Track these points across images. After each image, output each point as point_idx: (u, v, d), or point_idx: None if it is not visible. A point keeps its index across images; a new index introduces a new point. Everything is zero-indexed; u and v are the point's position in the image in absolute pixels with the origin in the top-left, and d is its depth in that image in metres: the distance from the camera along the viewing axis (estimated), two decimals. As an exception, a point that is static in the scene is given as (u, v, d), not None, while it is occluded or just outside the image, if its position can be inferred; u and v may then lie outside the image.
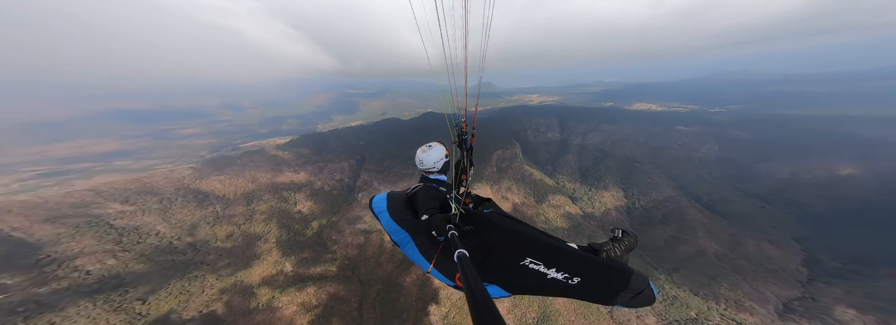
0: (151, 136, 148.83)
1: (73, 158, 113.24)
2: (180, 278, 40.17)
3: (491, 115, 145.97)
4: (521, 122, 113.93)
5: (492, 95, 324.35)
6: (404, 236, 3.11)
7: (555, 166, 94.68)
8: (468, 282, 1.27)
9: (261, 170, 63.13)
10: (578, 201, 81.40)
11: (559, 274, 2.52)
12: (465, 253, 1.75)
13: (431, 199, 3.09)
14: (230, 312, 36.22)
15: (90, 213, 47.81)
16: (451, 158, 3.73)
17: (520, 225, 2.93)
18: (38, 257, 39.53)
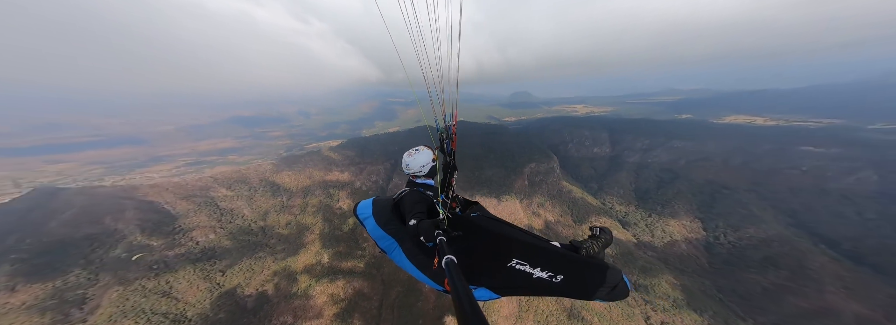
0: (252, 137, 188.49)
1: (207, 152, 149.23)
2: (249, 256, 47.30)
3: (526, 125, 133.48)
4: (562, 134, 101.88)
5: (528, 104, 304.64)
6: (391, 243, 3.03)
7: (601, 185, 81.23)
8: (456, 289, 1.27)
9: (316, 168, 71.19)
10: (632, 227, 68.92)
11: (544, 273, 2.55)
12: (453, 260, 1.73)
13: (418, 203, 2.97)
14: (277, 294, 40.56)
15: (208, 195, 63.25)
16: (438, 164, 3.61)
17: (506, 227, 2.90)
18: (173, 226, 54.50)
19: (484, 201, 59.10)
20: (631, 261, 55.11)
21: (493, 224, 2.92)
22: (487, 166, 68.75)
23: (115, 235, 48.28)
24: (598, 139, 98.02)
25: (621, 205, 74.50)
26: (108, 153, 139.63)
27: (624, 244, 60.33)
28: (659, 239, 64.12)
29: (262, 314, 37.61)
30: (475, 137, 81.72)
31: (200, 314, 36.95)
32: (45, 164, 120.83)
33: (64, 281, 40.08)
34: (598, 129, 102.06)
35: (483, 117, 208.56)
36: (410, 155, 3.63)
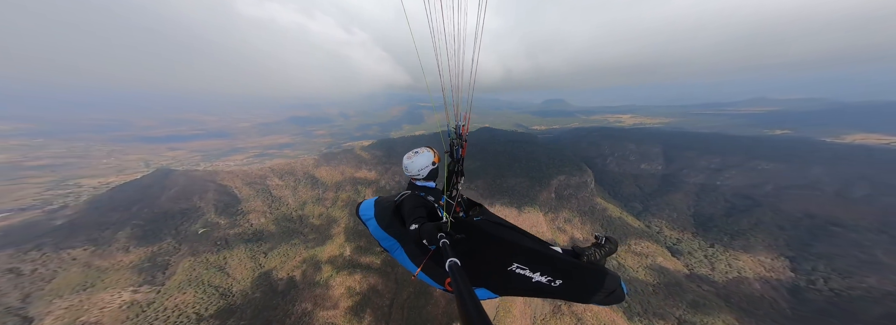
0: (303, 134, 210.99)
1: (270, 146, 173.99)
2: (287, 242, 52.61)
3: (558, 135, 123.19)
4: (600, 146, 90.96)
5: (563, 113, 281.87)
6: (393, 243, 3.09)
7: (647, 206, 70.56)
8: (460, 291, 1.27)
9: (348, 165, 76.66)
10: (685, 257, 57.86)
11: (543, 278, 2.58)
12: (456, 262, 1.73)
13: (417, 208, 2.96)
14: (303, 280, 44.03)
15: (264, 183, 73.36)
16: (443, 166, 3.57)
17: (508, 232, 2.90)
18: (237, 208, 64.42)
19: (503, 211, 56.05)
20: (677, 293, 46.41)
21: (496, 228, 2.91)
22: (510, 174, 65.20)
23: (198, 212, 58.95)
24: (647, 154, 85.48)
25: (672, 230, 63.25)
26: (205, 144, 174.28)
27: (670, 274, 51.14)
28: (721, 274, 52.83)
29: (288, 297, 41.61)
30: (499, 144, 78.55)
31: (242, 290, 42.62)
32: (167, 150, 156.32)
33: (159, 247, 50.34)
34: (648, 142, 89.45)
35: (510, 125, 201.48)
36: (409, 157, 3.55)
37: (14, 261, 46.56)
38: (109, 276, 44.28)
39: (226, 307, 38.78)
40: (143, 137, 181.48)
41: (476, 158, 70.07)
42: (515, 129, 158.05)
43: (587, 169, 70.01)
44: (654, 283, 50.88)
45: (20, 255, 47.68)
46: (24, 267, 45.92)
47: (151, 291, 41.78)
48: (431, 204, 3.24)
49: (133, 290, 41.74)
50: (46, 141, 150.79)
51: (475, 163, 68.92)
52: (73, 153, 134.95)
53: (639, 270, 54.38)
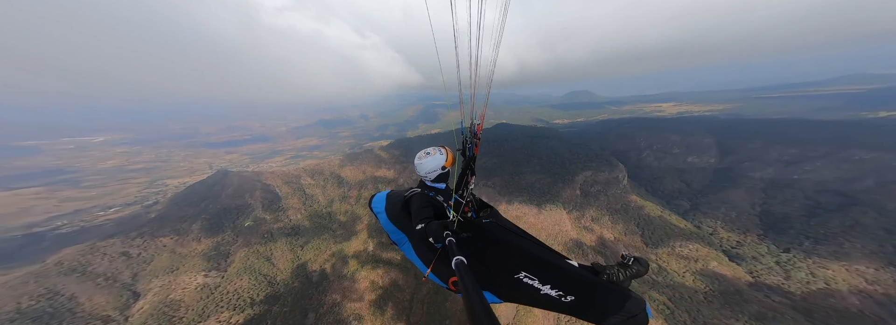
0: (329, 136, 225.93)
1: (303, 148, 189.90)
2: (318, 237, 57.35)
3: (583, 128, 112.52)
4: (634, 139, 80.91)
5: (588, 105, 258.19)
6: (401, 237, 3.12)
7: (696, 203, 61.17)
8: (467, 289, 1.25)
9: (369, 165, 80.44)
10: (749, 262, 49.34)
11: (553, 291, 2.44)
12: (462, 260, 1.69)
13: (424, 208, 2.91)
14: (333, 273, 47.49)
15: (299, 182, 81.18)
16: (455, 168, 3.51)
17: (518, 238, 2.78)
18: (279, 205, 72.49)
19: (521, 209, 53.38)
20: (736, 303, 40.43)
21: (504, 233, 2.79)
22: (529, 171, 61.27)
23: (249, 208, 67.57)
24: (695, 146, 73.73)
25: (730, 232, 54.17)
26: (253, 147, 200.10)
27: (727, 281, 44.58)
28: (800, 284, 44.51)
29: (321, 288, 46.00)
30: (516, 140, 73.96)
31: (284, 280, 48.39)
32: (225, 153, 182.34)
33: (221, 238, 59.31)
34: (696, 132, 77.28)
35: (528, 120, 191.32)
36: (420, 158, 3.48)
37: (125, 246, 59.09)
38: (188, 261, 53.85)
39: (272, 293, 44.62)
40: (207, 142, 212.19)
41: (492, 155, 67.18)
42: (534, 124, 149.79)
43: (618, 164, 62.57)
44: (705, 290, 44.84)
45: (129, 241, 60.22)
46: (132, 251, 58.11)
47: (217, 276, 49.88)
48: (440, 204, 3.18)
49: (204, 274, 50.30)
50: (141, 148, 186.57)
51: (491, 160, 66.18)
52: (160, 158, 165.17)
53: (685, 275, 48.25)
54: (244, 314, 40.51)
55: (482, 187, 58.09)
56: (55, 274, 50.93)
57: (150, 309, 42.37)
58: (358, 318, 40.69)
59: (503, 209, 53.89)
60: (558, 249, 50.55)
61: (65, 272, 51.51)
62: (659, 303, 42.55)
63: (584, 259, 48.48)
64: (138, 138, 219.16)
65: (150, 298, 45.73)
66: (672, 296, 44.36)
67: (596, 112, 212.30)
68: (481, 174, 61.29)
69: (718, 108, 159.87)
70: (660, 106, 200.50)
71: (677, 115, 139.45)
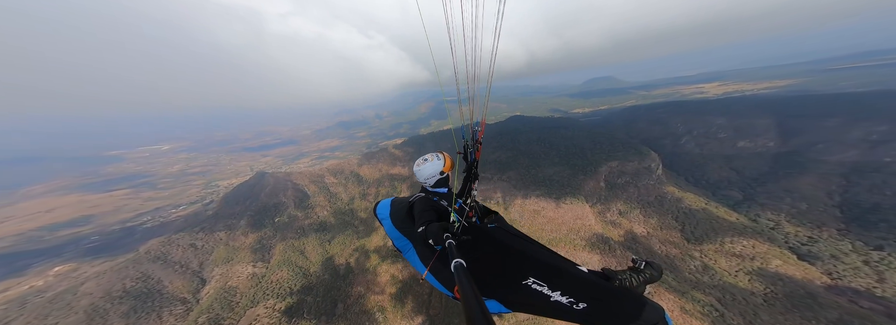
0: (348, 137, 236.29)
1: (326, 149, 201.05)
2: (342, 233, 61.86)
3: (606, 116, 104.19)
4: (668, 124, 72.13)
5: (612, 91, 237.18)
6: (406, 243, 3.11)
7: (752, 194, 53.37)
8: (465, 292, 1.25)
9: (385, 163, 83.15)
10: (826, 262, 42.30)
11: (563, 298, 2.37)
12: (462, 263, 1.69)
13: (427, 211, 2.95)
14: (356, 266, 51.16)
15: (323, 181, 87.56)
16: (455, 172, 3.57)
17: (524, 243, 2.73)
18: (308, 202, 79.54)
19: (539, 203, 51.18)
20: (808, 307, 35.81)
21: (509, 238, 2.74)
22: (546, 163, 57.71)
23: (284, 205, 75.11)
24: (748, 128, 64.00)
25: (799, 226, 46.45)
26: (283, 150, 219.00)
27: (795, 283, 39.39)
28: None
29: (347, 280, 50.35)
30: (532, 132, 69.57)
31: (315, 272, 53.82)
32: (261, 156, 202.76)
33: (263, 233, 67.37)
34: (748, 113, 67.21)
35: (544, 111, 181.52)
36: (418, 165, 3.53)
37: (192, 239, 70.37)
38: (239, 253, 62.61)
39: (306, 284, 50.20)
40: (246, 147, 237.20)
41: (506, 149, 64.33)
42: (551, 114, 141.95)
43: (650, 152, 55.93)
44: (764, 292, 40.05)
45: (194, 234, 71.51)
46: (197, 243, 69.13)
47: (263, 267, 57.42)
48: (443, 208, 3.17)
49: (253, 265, 58.25)
50: (196, 155, 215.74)
51: (506, 153, 63.52)
52: (211, 162, 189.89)
53: (737, 275, 43.32)
54: (285, 302, 46.45)
55: (496, 181, 56.59)
56: (145, 261, 62.90)
57: (214, 294, 50.70)
58: (381, 309, 44.17)
59: (519, 204, 52.28)
60: (581, 245, 47.70)
61: (152, 260, 63.35)
62: (704, 304, 38.98)
63: (613, 255, 45.69)
64: (193, 146, 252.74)
65: (214, 284, 54.55)
66: (722, 298, 40.24)
67: (621, 99, 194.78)
68: (495, 168, 59.41)
69: (779, 84, 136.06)
70: (701, 87, 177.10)
71: (723, 95, 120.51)
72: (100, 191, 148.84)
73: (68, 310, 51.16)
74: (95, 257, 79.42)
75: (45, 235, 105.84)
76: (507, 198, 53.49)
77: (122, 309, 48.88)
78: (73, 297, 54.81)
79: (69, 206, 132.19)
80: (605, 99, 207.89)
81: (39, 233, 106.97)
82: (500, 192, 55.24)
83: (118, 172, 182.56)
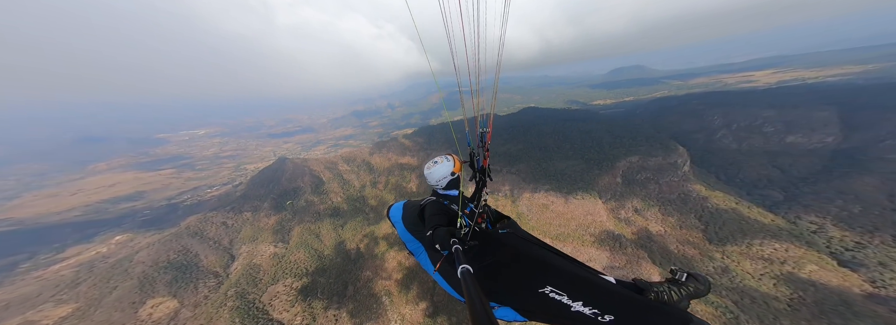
0: (361, 126, 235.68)
1: (340, 137, 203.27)
2: (353, 219, 62.77)
3: (631, 109, 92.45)
4: (703, 117, 62.46)
5: (640, 82, 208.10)
6: (418, 246, 3.06)
7: (795, 194, 46.08)
8: (471, 299, 1.20)
9: (394, 153, 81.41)
10: (872, 269, 36.55)
11: (586, 309, 2.11)
12: (468, 269, 1.60)
13: (437, 215, 2.88)
14: (366, 252, 51.94)
15: (337, 169, 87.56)
16: (462, 175, 3.42)
17: (540, 250, 2.48)
18: (323, 188, 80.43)
19: (548, 197, 47.33)
20: (842, 314, 32.27)
21: (523, 244, 2.51)
22: (559, 157, 52.48)
23: (301, 190, 76.47)
24: (800, 122, 54.30)
25: (846, 230, 40.04)
26: (302, 138, 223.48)
27: (828, 290, 35.18)
28: None
29: (357, 265, 51.29)
30: (546, 123, 63.22)
31: (328, 255, 55.20)
32: (283, 143, 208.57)
33: (283, 215, 69.48)
34: (803, 105, 56.86)
35: (561, 102, 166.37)
36: (429, 168, 3.43)
37: (223, 218, 74.40)
38: (263, 233, 65.50)
39: (320, 266, 51.76)
40: (270, 134, 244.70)
41: (517, 141, 59.07)
42: (568, 106, 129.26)
43: (678, 147, 48.98)
44: (790, 297, 36.00)
45: (225, 213, 75.49)
46: (228, 222, 73.08)
47: (282, 247, 59.84)
48: (454, 212, 3.03)
49: (274, 245, 60.87)
50: (228, 139, 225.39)
51: (516, 146, 58.47)
52: (241, 147, 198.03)
53: (762, 278, 39.01)
54: (301, 281, 48.28)
55: (505, 173, 52.77)
56: (186, 236, 67.66)
57: (242, 270, 53.83)
58: (387, 294, 44.72)
59: (527, 197, 48.76)
60: (589, 241, 44.18)
61: (191, 235, 68.00)
62: (718, 306, 35.69)
63: (623, 253, 42.18)
64: (225, 131, 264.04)
65: (241, 261, 57.85)
66: (739, 301, 36.58)
67: (650, 89, 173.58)
68: (505, 161, 55.13)
69: (853, 70, 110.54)
70: (750, 75, 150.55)
71: (776, 84, 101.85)
72: (150, 170, 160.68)
73: (125, 276, 56.47)
74: (147, 229, 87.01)
75: (109, 207, 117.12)
76: (515, 191, 50.09)
77: (167, 278, 53.13)
78: (130, 264, 60.25)
79: (127, 182, 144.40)
80: (631, 90, 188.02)
81: (104, 205, 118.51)
82: (508, 184, 51.75)
83: (164, 153, 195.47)
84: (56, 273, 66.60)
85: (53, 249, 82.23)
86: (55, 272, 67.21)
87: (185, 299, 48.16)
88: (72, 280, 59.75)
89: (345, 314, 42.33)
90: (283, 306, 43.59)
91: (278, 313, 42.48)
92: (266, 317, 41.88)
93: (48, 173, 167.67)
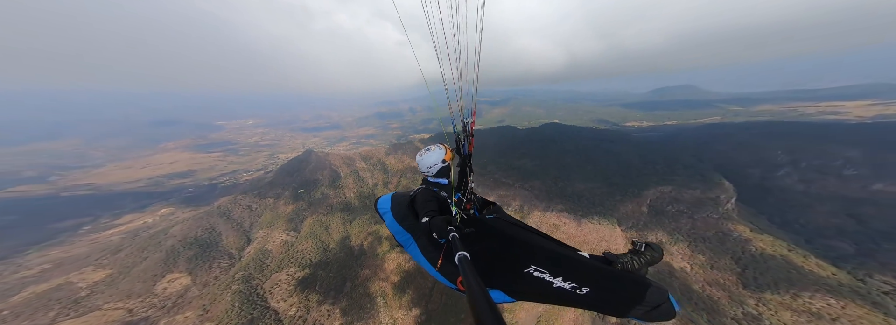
0: (382, 127, 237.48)
1: (362, 136, 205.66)
2: (361, 216, 60.87)
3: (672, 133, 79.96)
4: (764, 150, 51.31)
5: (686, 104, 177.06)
6: (407, 237, 2.87)
7: (870, 250, 36.19)
8: (470, 284, 1.17)
9: (408, 155, 79.68)
10: None
11: (566, 283, 2.20)
12: (466, 255, 1.58)
13: (429, 201, 2.81)
14: (369, 250, 49.48)
15: (354, 165, 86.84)
16: (452, 163, 3.42)
17: (524, 232, 2.55)
18: (339, 183, 79.76)
19: (560, 218, 41.45)
20: None
21: (509, 228, 2.57)
22: (578, 178, 46.33)
23: (320, 182, 76.10)
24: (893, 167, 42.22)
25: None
26: (329, 134, 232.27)
27: None
28: None
29: (358, 262, 48.55)
30: (567, 142, 57.07)
31: (333, 248, 53.13)
32: (312, 137, 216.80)
33: (299, 205, 69.11)
34: None
35: (587, 120, 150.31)
36: (421, 155, 3.49)
37: (250, 201, 75.73)
38: (279, 220, 65.28)
39: (323, 260, 49.66)
40: (303, 127, 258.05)
41: (533, 157, 53.72)
42: (596, 125, 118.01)
43: (723, 182, 41.00)
44: None
45: (252, 197, 76.83)
46: (253, 206, 74.18)
47: (294, 236, 58.83)
48: (444, 199, 3.06)
49: (286, 233, 60.12)
50: (268, 130, 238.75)
51: (532, 162, 53.13)
52: (277, 138, 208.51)
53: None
54: (303, 272, 46.32)
55: (517, 188, 47.83)
56: (216, 215, 69.26)
57: (253, 254, 53.25)
58: (383, 295, 41.25)
59: (537, 216, 43.33)
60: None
61: (220, 215, 69.52)
62: None
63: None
64: (267, 123, 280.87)
65: (255, 245, 57.51)
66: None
67: (699, 113, 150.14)
68: (518, 175, 50.22)
69: None
70: (838, 105, 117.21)
71: (873, 119, 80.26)
72: (204, 152, 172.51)
73: (157, 248, 58.02)
74: (188, 205, 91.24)
75: (165, 181, 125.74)
76: (525, 208, 44.93)
77: (189, 254, 53.66)
78: (164, 237, 62.11)
79: (183, 161, 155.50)
80: (675, 112, 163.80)
81: (162, 179, 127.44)
82: (519, 200, 46.73)
83: (218, 138, 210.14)
84: (107, 238, 70.74)
85: (113, 214, 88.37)
86: (107, 237, 71.43)
87: (198, 277, 47.94)
88: (116, 246, 62.63)
89: (337, 310, 39.42)
90: (282, 295, 41.62)
91: (276, 301, 40.52)
92: (264, 304, 40.06)
93: (129, 147, 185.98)
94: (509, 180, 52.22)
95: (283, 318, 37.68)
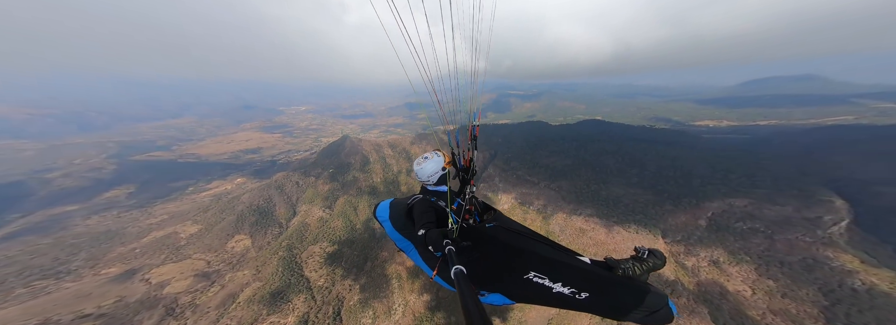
0: (410, 117, 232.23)
1: (392, 124, 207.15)
2: None
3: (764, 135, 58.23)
4: None
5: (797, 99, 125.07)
6: (407, 244, 2.81)
7: None
8: (465, 300, 1.16)
9: (431, 145, 78.73)
10: None
11: (565, 289, 2.17)
12: (461, 270, 1.47)
13: (426, 213, 2.65)
14: (382, 235, 55.93)
15: (382, 152, 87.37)
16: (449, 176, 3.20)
17: (523, 239, 2.46)
18: (367, 167, 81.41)
19: (588, 224, 34.36)
20: None
21: (508, 235, 2.47)
22: (618, 182, 37.51)
23: (351, 166, 78.58)
24: None
25: None
26: (364, 121, 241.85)
27: None
28: None
29: (379, 244, 49.45)
30: (608, 142, 46.23)
31: (358, 228, 55.22)
32: (350, 124, 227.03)
33: (334, 185, 72.77)
34: None
35: (640, 118, 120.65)
36: (419, 163, 3.28)
37: (298, 178, 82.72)
38: (317, 198, 70.10)
39: (350, 238, 51.93)
40: (343, 115, 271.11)
41: (564, 155, 44.83)
42: (650, 124, 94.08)
43: (834, 200, 29.06)
44: None
45: (299, 175, 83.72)
46: (299, 182, 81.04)
47: (328, 213, 62.73)
48: (442, 209, 2.87)
49: (322, 210, 64.38)
50: (317, 116, 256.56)
51: (563, 160, 44.57)
52: (322, 123, 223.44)
53: None
54: (333, 247, 49.11)
55: (543, 187, 41.22)
56: (273, 187, 77.56)
57: (296, 226, 58.44)
58: (398, 277, 41.55)
59: (562, 219, 37.00)
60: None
61: (276, 188, 77.65)
62: None
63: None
64: (316, 109, 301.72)
65: (298, 218, 62.96)
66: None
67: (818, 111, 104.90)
68: (545, 174, 42.92)
69: None
70: None
71: None
72: (269, 132, 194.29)
73: (231, 211, 67.27)
74: (255, 176, 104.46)
75: (242, 156, 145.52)
76: (549, 208, 38.92)
77: (252, 220, 61.05)
78: (237, 202, 71.62)
79: (255, 139, 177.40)
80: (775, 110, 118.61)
81: (239, 154, 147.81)
82: (543, 200, 40.63)
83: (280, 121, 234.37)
84: (202, 199, 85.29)
85: (206, 180, 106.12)
86: (202, 198, 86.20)
87: (256, 240, 54.41)
88: (206, 206, 74.68)
89: (357, 286, 41.12)
90: (314, 265, 44.88)
91: (309, 271, 43.89)
92: (300, 272, 43.75)
93: (222, 126, 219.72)
94: (534, 178, 45.40)
95: (312, 287, 40.78)
